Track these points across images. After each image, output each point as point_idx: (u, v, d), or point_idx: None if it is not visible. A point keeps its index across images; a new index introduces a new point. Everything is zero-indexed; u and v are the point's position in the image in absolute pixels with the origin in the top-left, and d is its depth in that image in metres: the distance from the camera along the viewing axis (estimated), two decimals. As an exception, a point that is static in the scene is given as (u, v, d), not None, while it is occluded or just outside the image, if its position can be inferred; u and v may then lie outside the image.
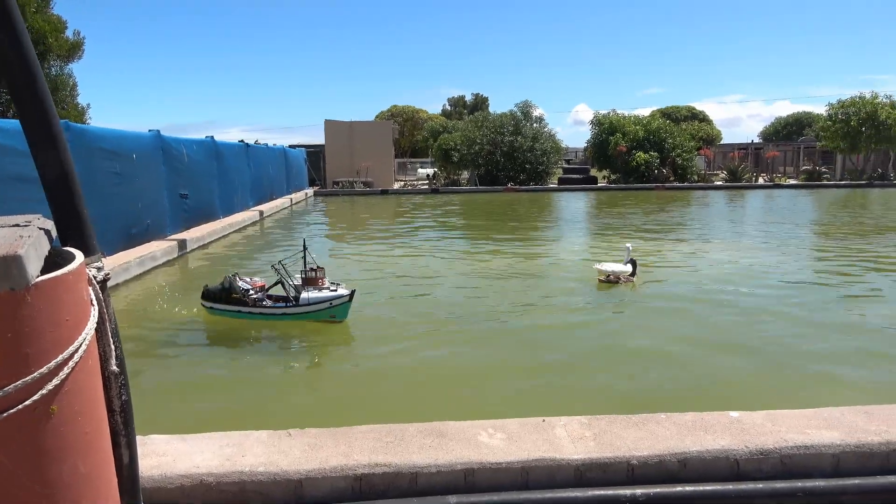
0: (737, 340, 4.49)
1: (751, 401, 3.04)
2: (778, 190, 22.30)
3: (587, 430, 2.16)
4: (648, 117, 26.40)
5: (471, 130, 23.78)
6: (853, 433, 2.08)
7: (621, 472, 1.98)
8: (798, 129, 49.66)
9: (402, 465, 1.94)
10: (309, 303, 4.90)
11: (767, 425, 2.16)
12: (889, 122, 23.10)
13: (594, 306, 5.58)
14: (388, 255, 8.63)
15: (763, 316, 5.13)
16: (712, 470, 1.99)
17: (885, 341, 4.50)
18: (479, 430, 2.16)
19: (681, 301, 5.68)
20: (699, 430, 2.13)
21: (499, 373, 3.89)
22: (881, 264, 7.63)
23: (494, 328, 4.87)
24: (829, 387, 3.61)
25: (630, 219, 13.20)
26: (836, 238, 9.96)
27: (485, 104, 61.54)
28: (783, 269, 7.21)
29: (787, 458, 2.01)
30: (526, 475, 1.96)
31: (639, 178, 22.93)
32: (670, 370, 3.92)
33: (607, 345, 4.47)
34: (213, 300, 5.10)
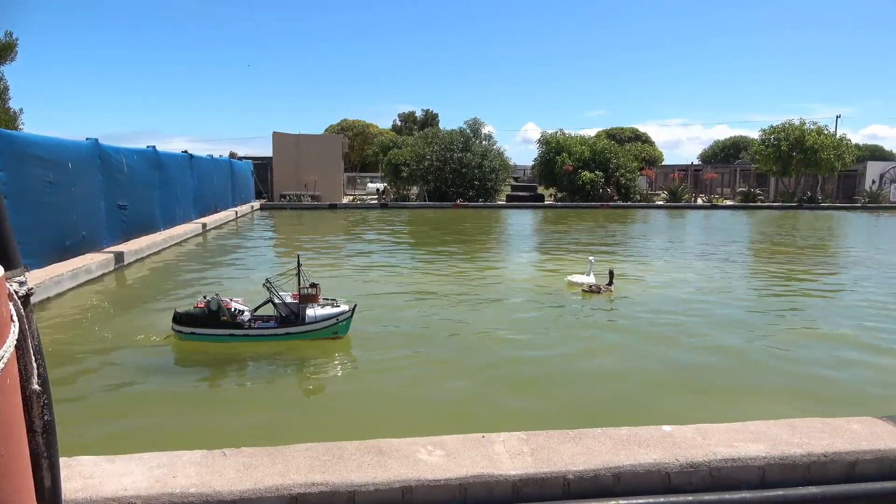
0: (675, 355, 4.63)
1: (685, 414, 3.13)
2: (716, 210, 23.17)
3: (525, 445, 2.18)
4: (594, 138, 27.10)
5: (421, 146, 23.89)
6: (778, 446, 2.17)
7: (557, 487, 2.01)
8: (735, 152, 51.77)
9: (340, 484, 1.92)
10: (317, 320, 4.71)
11: (698, 439, 2.23)
12: (815, 148, 24.35)
13: (547, 321, 5.65)
14: (338, 270, 8.55)
15: (701, 331, 5.31)
16: (645, 483, 2.04)
17: (812, 357, 4.71)
18: (418, 446, 2.16)
19: (626, 318, 5.82)
20: (633, 445, 2.18)
21: (443, 388, 3.89)
22: (810, 284, 8.00)
23: (447, 344, 4.87)
24: (758, 400, 3.75)
25: (580, 236, 13.47)
26: (774, 258, 10.41)
27: (435, 120, 61.92)
28: (723, 286, 7.48)
29: (716, 470, 2.08)
30: (464, 491, 1.97)
31: (584, 197, 23.45)
32: (611, 384, 4.01)
33: (554, 359, 4.54)
34: (194, 325, 4.63)
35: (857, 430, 2.31)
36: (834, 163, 24.54)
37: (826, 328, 5.57)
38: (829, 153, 24.22)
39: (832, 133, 25.86)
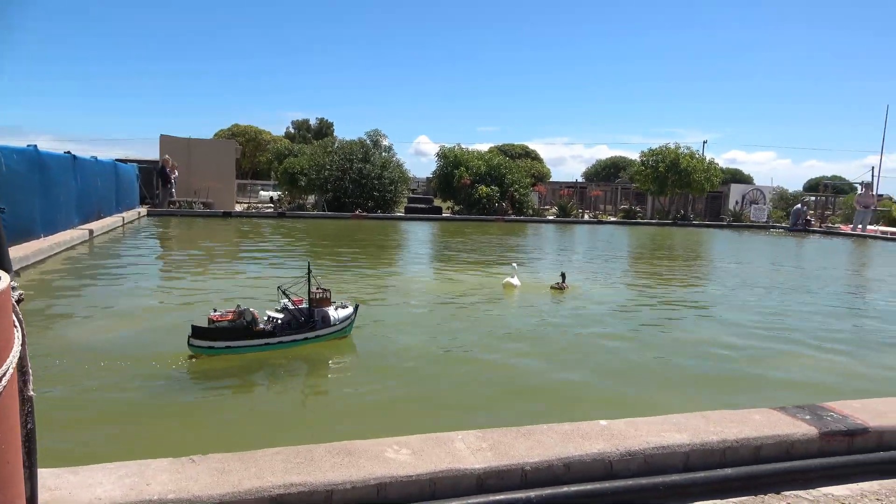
0: (579, 357, 5.00)
1: (603, 410, 3.43)
2: (601, 225, 24.65)
3: (483, 442, 2.36)
4: (489, 153, 28.01)
5: (319, 155, 23.63)
6: (698, 434, 2.49)
7: (516, 478, 2.20)
8: (615, 171, 55.14)
9: (317, 484, 2.01)
10: (338, 321, 4.96)
11: (631, 431, 2.51)
12: (689, 170, 26.58)
13: (461, 326, 5.87)
14: (241, 279, 8.36)
15: (601, 337, 5.74)
16: (591, 471, 2.28)
17: (698, 357, 5.26)
18: (384, 447, 2.28)
19: (531, 324, 6.17)
20: (578, 438, 2.43)
21: (386, 392, 4.00)
22: (690, 292, 8.81)
23: (379, 349, 4.96)
24: (662, 396, 4.15)
25: (489, 246, 13.91)
26: (660, 268, 11.31)
27: (330, 129, 61.17)
28: (618, 294, 8.08)
29: (650, 457, 2.36)
30: (433, 485, 2.11)
31: (481, 210, 24.15)
32: (538, 383, 4.29)
33: (467, 357, 4.76)
34: (230, 338, 4.42)
35: (758, 419, 2.68)
36: (704, 184, 26.90)
37: (708, 328, 6.20)
38: (701, 175, 26.54)
39: (702, 157, 28.31)
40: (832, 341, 6.01)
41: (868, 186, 27.51)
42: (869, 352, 5.75)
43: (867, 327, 6.90)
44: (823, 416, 2.73)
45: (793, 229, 24.78)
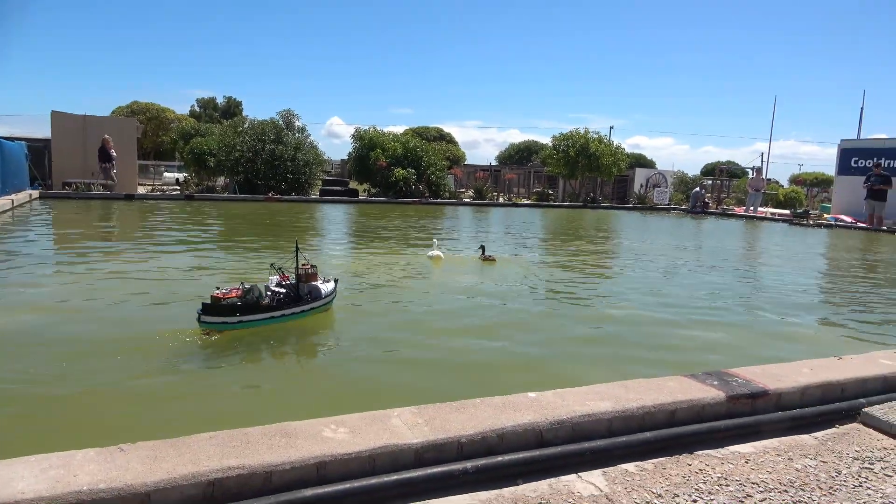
0: (508, 331, 5.15)
1: (533, 382, 3.56)
2: (516, 208, 25.20)
3: (419, 417, 2.41)
4: (406, 136, 27.93)
5: (229, 136, 22.75)
6: (619, 402, 2.65)
7: (453, 451, 2.26)
8: (528, 154, 56.35)
9: (256, 466, 1.99)
10: (329, 294, 5.32)
11: (558, 401, 2.63)
12: (598, 154, 27.58)
13: (371, 306, 5.88)
14: (153, 266, 7.98)
15: (523, 313, 5.93)
16: (523, 440, 2.38)
17: (615, 331, 5.53)
18: (321, 426, 2.28)
19: (451, 301, 6.27)
20: (509, 409, 2.52)
21: (321, 372, 3.96)
22: (603, 268, 9.21)
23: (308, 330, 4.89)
24: (583, 368, 4.35)
25: (406, 227, 13.89)
26: (572, 246, 11.72)
27: (238, 108, 58.97)
28: (538, 271, 8.32)
29: (577, 425, 2.49)
30: (373, 462, 2.14)
31: (398, 193, 24.09)
32: (465, 360, 4.38)
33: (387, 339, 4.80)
34: (243, 313, 4.64)
35: (672, 386, 2.88)
36: (612, 168, 28.01)
37: (623, 302, 6.53)
38: (609, 160, 27.61)
39: (610, 142, 29.42)
40: (733, 312, 6.48)
41: (758, 171, 29.57)
42: (765, 321, 6.24)
43: (762, 299, 7.46)
44: (730, 381, 2.96)
45: (692, 211, 26.29)
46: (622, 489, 2.25)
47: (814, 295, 8.30)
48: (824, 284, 9.68)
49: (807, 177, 46.19)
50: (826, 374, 3.19)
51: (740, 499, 2.23)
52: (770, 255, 13.10)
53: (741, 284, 8.72)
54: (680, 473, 2.39)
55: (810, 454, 2.64)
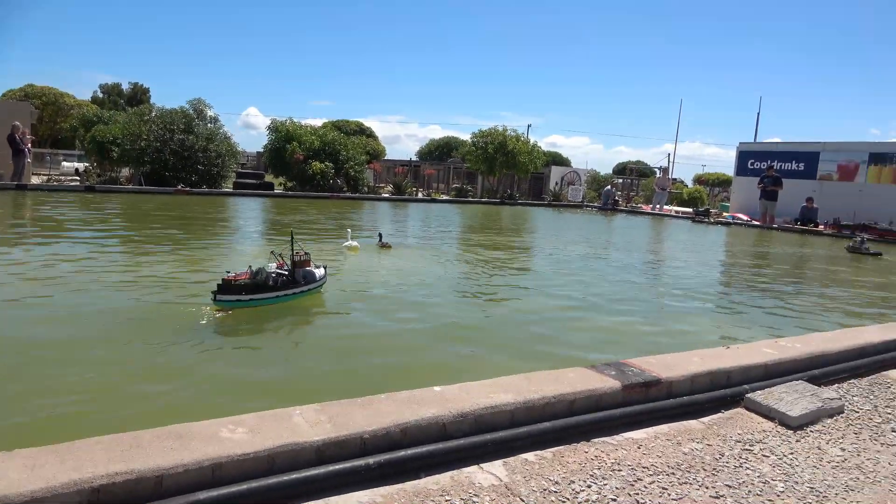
0: (417, 324, 5.18)
1: (440, 376, 3.60)
2: (435, 203, 25.32)
3: (321, 415, 2.38)
4: (323, 128, 27.44)
5: (135, 124, 21.56)
6: (521, 393, 2.72)
7: (356, 447, 2.26)
8: (448, 150, 56.64)
9: (145, 470, 1.91)
10: (321, 278, 5.98)
11: (463, 395, 2.68)
12: (515, 152, 28.14)
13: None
14: (58, 261, 7.48)
15: (431, 307, 5.97)
16: (426, 434, 2.40)
17: (524, 322, 5.67)
18: (219, 427, 2.21)
19: (360, 297, 6.24)
20: (413, 404, 2.54)
21: (218, 372, 3.83)
22: (517, 263, 9.41)
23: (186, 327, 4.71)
24: (494, 360, 4.44)
25: (323, 221, 13.66)
26: (487, 241, 11.90)
27: (146, 96, 56.27)
28: (447, 267, 8.40)
29: (480, 417, 2.54)
30: (272, 461, 2.10)
31: (315, 187, 23.65)
32: (370, 356, 4.36)
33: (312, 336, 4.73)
34: (255, 291, 5.25)
35: (572, 377, 2.98)
36: (528, 166, 28.65)
37: (531, 296, 6.70)
38: (526, 157, 28.21)
39: (527, 140, 30.07)
40: (634, 305, 6.79)
41: (665, 171, 31.05)
42: (664, 313, 6.57)
43: (664, 292, 7.86)
44: (626, 371, 3.10)
45: (603, 208, 27.30)
46: (521, 478, 2.31)
47: (711, 288, 8.81)
48: (720, 278, 10.31)
49: (709, 177, 48.91)
50: (714, 363, 3.40)
51: (631, 482, 2.34)
52: (673, 251, 13.81)
53: (645, 278, 9.14)
54: (577, 461, 2.49)
55: (697, 438, 2.80)
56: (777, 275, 10.59)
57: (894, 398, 3.56)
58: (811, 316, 6.88)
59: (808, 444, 2.84)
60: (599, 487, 2.28)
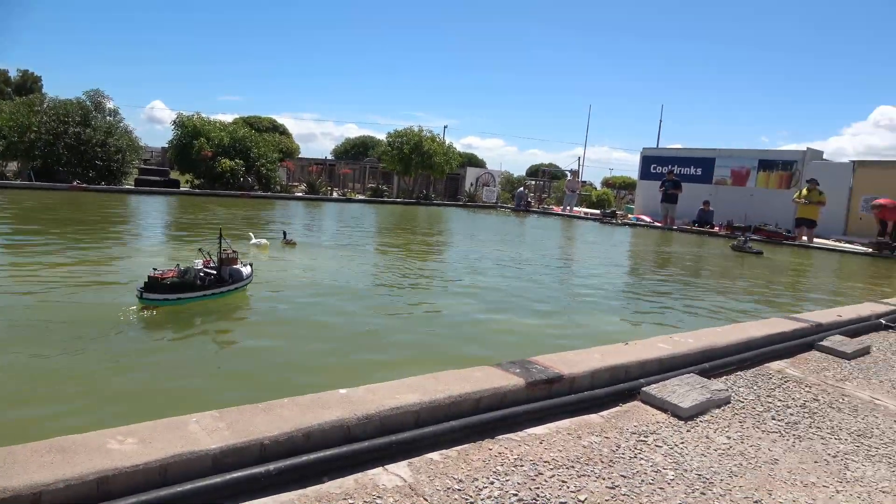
0: (323, 328, 5.10)
1: (348, 379, 3.57)
2: (350, 203, 25.05)
3: (220, 422, 2.30)
4: (234, 125, 26.55)
5: (23, 115, 20.05)
6: (428, 393, 2.73)
7: (255, 453, 2.19)
8: (364, 150, 56.18)
9: (20, 487, 1.77)
10: (248, 276, 5.98)
11: (369, 396, 2.66)
12: (431, 153, 28.29)
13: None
14: None
15: (344, 311, 5.91)
16: (330, 438, 2.37)
17: (434, 323, 5.71)
18: (107, 438, 2.09)
19: (274, 298, 6.09)
20: (318, 408, 2.49)
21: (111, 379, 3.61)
22: (430, 263, 9.46)
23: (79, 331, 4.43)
24: (402, 361, 4.44)
25: (232, 221, 13.15)
26: (402, 241, 11.89)
27: (37, 85, 52.67)
28: (360, 268, 8.33)
29: (385, 419, 2.53)
30: (165, 472, 2.01)
31: (224, 185, 22.84)
32: (276, 358, 4.25)
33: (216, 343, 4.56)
34: (181, 291, 5.21)
35: (479, 375, 3.03)
36: (444, 166, 28.87)
37: (443, 296, 6.76)
38: (441, 158, 28.41)
39: (442, 141, 30.30)
40: (544, 304, 6.98)
41: (575, 173, 32.19)
42: (572, 311, 6.79)
43: (571, 291, 8.13)
44: (530, 369, 3.18)
45: (516, 209, 27.93)
46: (426, 478, 2.32)
47: (616, 286, 9.19)
48: (625, 277, 10.78)
49: (616, 180, 51.11)
50: (614, 359, 3.54)
51: (532, 477, 2.40)
52: (582, 251, 14.32)
53: (555, 278, 9.42)
54: (481, 458, 2.53)
55: (596, 431, 2.91)
56: (674, 273, 11.19)
57: (775, 388, 3.83)
58: (703, 311, 7.32)
59: (698, 433, 3.01)
60: (502, 483, 2.33)
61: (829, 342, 4.84)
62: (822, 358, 4.66)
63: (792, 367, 4.33)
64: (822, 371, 4.31)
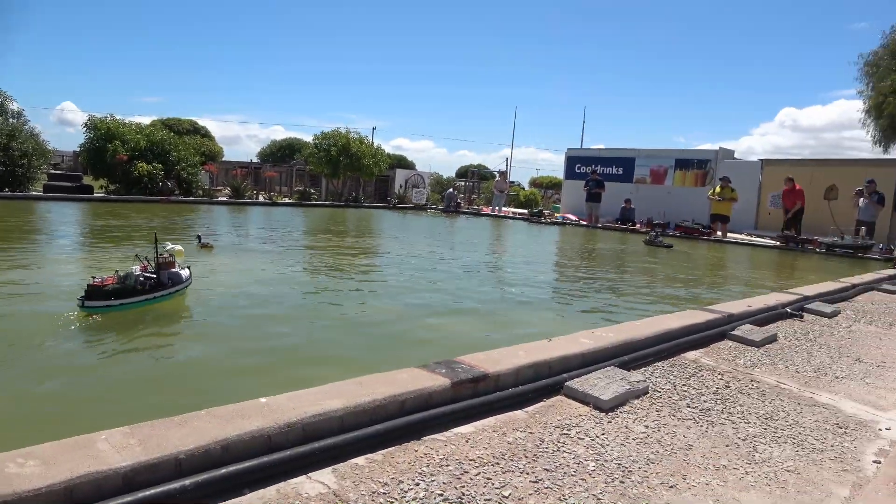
0: (250, 339, 4.97)
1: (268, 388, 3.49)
2: (276, 207, 24.51)
3: (131, 438, 2.20)
4: (151, 127, 25.48)
5: (-87, 117, 18.58)
6: (352, 398, 2.70)
7: (170, 469, 2.11)
8: (290, 152, 55.13)
9: None
10: (187, 279, 6.03)
11: (290, 404, 2.61)
12: (359, 154, 28.05)
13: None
14: None
15: (272, 317, 5.78)
16: (250, 448, 2.31)
17: (361, 326, 5.66)
18: (5, 462, 1.96)
19: (201, 306, 5.88)
20: (237, 418, 2.42)
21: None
22: (361, 267, 9.38)
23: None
24: (326, 367, 4.38)
25: (149, 227, 12.61)
26: (331, 245, 11.72)
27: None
28: (288, 274, 8.15)
29: (308, 426, 2.48)
30: (70, 494, 1.90)
31: (142, 190, 21.89)
32: (194, 372, 4.11)
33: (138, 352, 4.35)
34: (121, 296, 5.25)
35: (404, 377, 3.03)
36: (373, 168, 28.69)
37: (371, 299, 6.71)
38: (370, 160, 28.22)
39: (371, 143, 30.10)
40: (474, 303, 7.04)
41: (503, 174, 32.63)
42: (501, 310, 6.89)
43: (500, 290, 8.24)
44: (456, 368, 3.20)
45: (446, 210, 28.08)
46: (350, 483, 2.30)
47: (544, 284, 9.39)
48: (552, 275, 11.03)
49: (543, 180, 52.23)
50: (537, 355, 3.61)
51: (458, 476, 2.42)
52: (511, 250, 14.55)
53: (485, 277, 9.53)
54: (407, 460, 2.52)
55: (521, 427, 2.96)
56: (596, 269, 11.54)
57: (690, 377, 4.01)
58: (625, 305, 7.58)
59: (618, 424, 3.11)
60: (427, 484, 2.33)
61: (740, 331, 5.11)
62: (734, 346, 4.91)
63: (706, 357, 4.55)
64: (734, 359, 4.54)
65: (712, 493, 2.47)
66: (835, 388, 4.01)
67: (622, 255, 15.01)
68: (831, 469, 2.77)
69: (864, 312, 6.91)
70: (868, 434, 3.23)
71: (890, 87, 22.11)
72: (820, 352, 4.94)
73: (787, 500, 2.45)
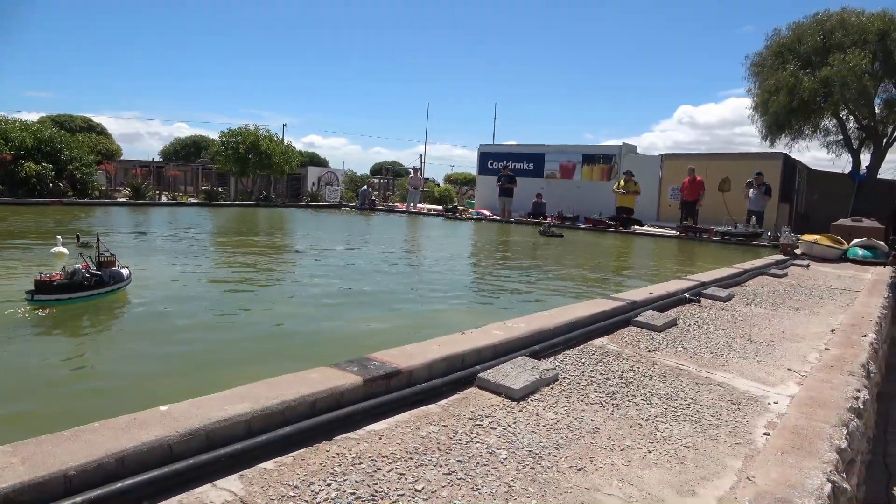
0: (155, 346, 4.73)
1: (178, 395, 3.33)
2: (181, 207, 23.45)
3: (14, 456, 2.03)
4: (39, 124, 23.72)
5: None
6: (259, 401, 2.62)
7: (59, 487, 1.97)
8: (196, 150, 52.91)
9: None
10: (127, 277, 6.33)
11: (193, 410, 2.49)
12: (269, 152, 27.30)
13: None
14: None
15: (175, 318, 5.52)
16: (149, 459, 2.19)
17: (272, 328, 5.52)
18: None
19: (106, 312, 5.54)
20: (134, 429, 2.29)
21: None
22: (274, 266, 9.12)
23: None
24: (230, 374, 4.23)
25: (37, 231, 11.70)
26: (241, 247, 11.32)
27: None
28: (197, 276, 7.81)
29: (212, 432, 2.38)
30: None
31: (30, 192, 20.37)
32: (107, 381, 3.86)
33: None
34: (69, 291, 5.50)
35: (315, 377, 2.97)
36: (283, 166, 28.00)
37: (285, 302, 6.55)
38: (280, 158, 27.52)
39: (281, 140, 29.36)
40: (390, 300, 7.01)
41: (417, 171, 32.64)
42: (418, 305, 6.89)
43: (416, 285, 8.24)
44: (368, 366, 3.17)
45: (361, 208, 27.82)
46: (259, 489, 2.23)
47: (459, 278, 9.48)
48: (467, 268, 11.15)
49: (458, 176, 52.73)
50: (450, 348, 3.64)
51: (370, 473, 2.39)
52: (426, 246, 14.60)
53: (401, 273, 9.51)
54: (318, 461, 2.47)
55: (434, 421, 2.97)
56: (506, 262, 11.78)
57: (597, 363, 4.15)
58: (536, 295, 7.77)
59: (529, 412, 3.18)
60: (339, 484, 2.29)
61: (643, 317, 5.35)
62: (638, 332, 5.13)
63: (612, 343, 4.73)
64: (637, 344, 4.75)
65: (617, 472, 2.57)
66: (729, 367, 4.27)
67: (530, 247, 15.39)
68: (726, 443, 2.95)
69: (754, 296, 7.41)
70: (758, 408, 3.47)
71: (774, 86, 23.77)
72: (716, 334, 5.25)
73: (685, 474, 2.59)
